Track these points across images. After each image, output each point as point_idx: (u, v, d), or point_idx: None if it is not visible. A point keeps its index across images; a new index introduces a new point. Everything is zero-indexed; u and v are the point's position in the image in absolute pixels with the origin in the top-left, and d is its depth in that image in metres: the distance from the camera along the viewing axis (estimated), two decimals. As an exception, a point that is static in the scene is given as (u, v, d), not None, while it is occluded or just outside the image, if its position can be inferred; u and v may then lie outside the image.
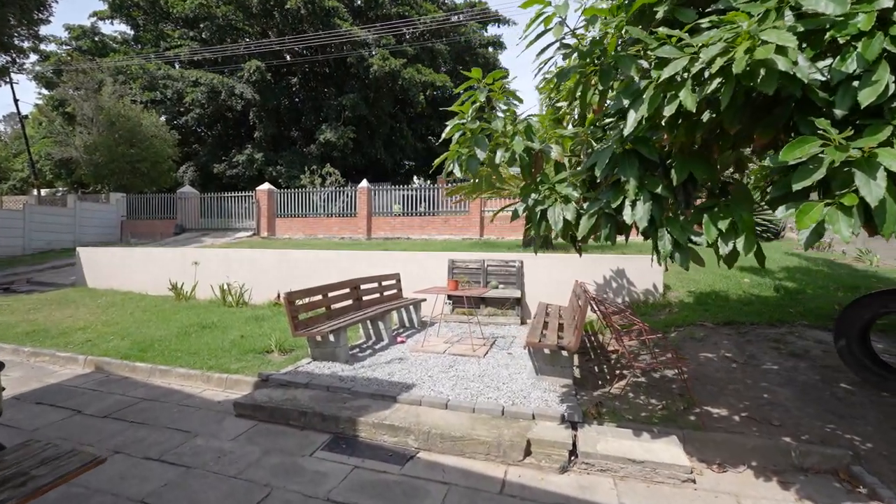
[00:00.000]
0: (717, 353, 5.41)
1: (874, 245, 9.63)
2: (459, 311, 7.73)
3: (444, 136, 2.88)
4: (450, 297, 7.89)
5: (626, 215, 2.31)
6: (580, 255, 3.26)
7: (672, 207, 2.42)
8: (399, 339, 6.15)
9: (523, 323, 7.51)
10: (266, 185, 16.57)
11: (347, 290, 6.19)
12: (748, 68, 1.67)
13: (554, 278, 7.58)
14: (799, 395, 4.28)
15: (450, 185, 13.49)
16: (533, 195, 2.74)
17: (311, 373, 4.60)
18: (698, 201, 2.50)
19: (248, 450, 3.38)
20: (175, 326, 6.65)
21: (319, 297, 5.56)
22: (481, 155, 2.60)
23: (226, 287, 8.58)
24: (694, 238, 2.29)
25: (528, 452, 3.22)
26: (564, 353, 4.33)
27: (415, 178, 29.94)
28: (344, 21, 24.66)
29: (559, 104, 3.08)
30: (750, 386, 4.51)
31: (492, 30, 32.62)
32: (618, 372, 4.93)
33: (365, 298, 6.50)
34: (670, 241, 2.29)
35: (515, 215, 2.76)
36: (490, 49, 31.68)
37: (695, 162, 2.27)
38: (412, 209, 16.39)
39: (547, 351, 4.38)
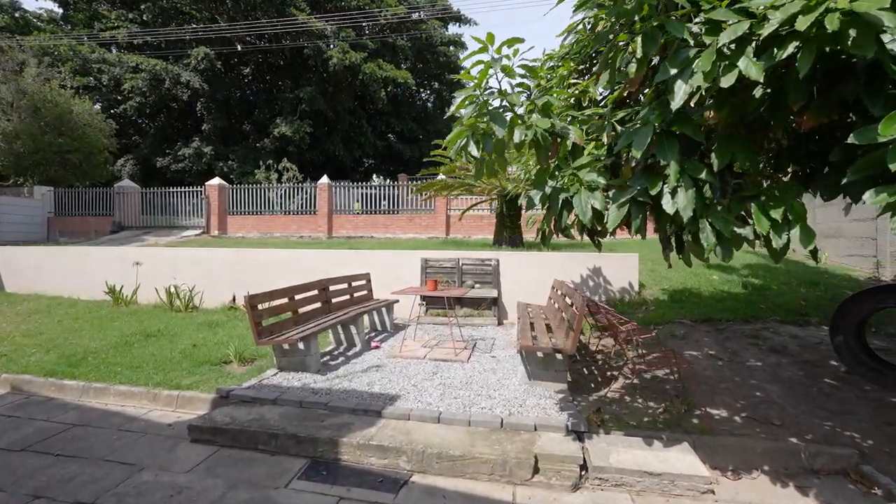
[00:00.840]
0: (701, 350, 5.37)
1: (821, 243, 10.20)
2: (434, 313, 7.36)
3: (452, 110, 2.50)
4: (423, 297, 7.50)
5: (666, 204, 2.03)
6: (599, 250, 2.96)
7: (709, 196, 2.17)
8: (373, 343, 5.68)
9: (500, 324, 7.25)
10: (217, 180, 15.41)
11: (315, 292, 5.65)
12: (837, 29, 1.42)
13: (531, 277, 7.37)
14: (789, 392, 4.26)
15: (419, 180, 13.07)
16: (550, 182, 2.42)
17: (279, 386, 4.06)
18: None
19: (208, 484, 2.84)
20: (113, 336, 5.81)
21: (285, 300, 5.00)
22: (500, 132, 2.24)
23: (173, 290, 7.72)
24: (737, 230, 2.05)
25: (535, 470, 2.90)
26: (559, 356, 4.08)
27: (374, 176, 29.19)
28: (300, 11, 23.58)
29: (572, 81, 2.78)
30: (740, 384, 4.45)
31: (452, 29, 32.46)
32: (609, 374, 4.74)
33: (334, 300, 5.98)
34: (713, 232, 2.03)
35: (531, 204, 2.42)
36: (451, 48, 31.45)
37: (737, 144, 2.04)
38: (377, 207, 15.86)
39: (540, 354, 4.10)
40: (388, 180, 16.16)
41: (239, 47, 25.13)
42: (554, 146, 2.63)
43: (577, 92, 2.69)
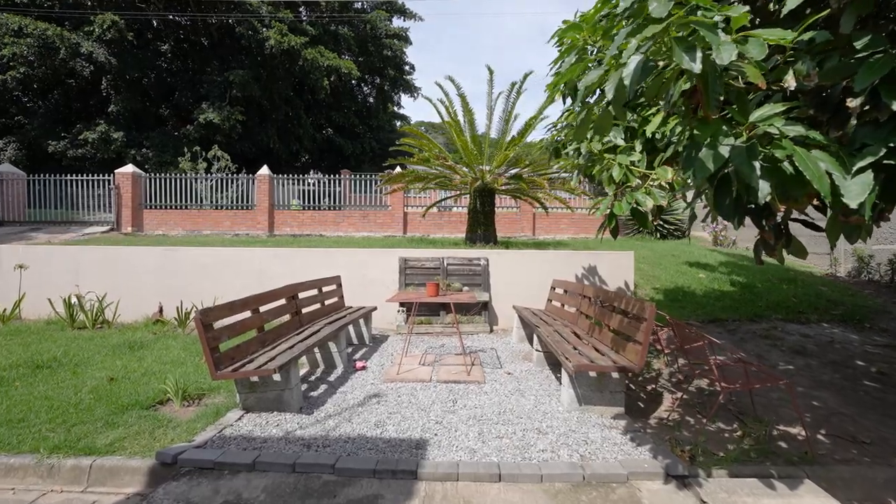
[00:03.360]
0: (724, 353, 4.92)
1: (775, 241, 10.62)
2: (416, 321, 6.34)
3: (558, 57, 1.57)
4: (402, 304, 6.45)
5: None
6: (805, 255, 2.12)
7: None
8: (358, 363, 4.56)
9: (491, 331, 6.41)
10: (130, 167, 12.99)
11: (283, 302, 4.41)
12: None
13: (523, 278, 6.63)
14: (844, 400, 3.88)
15: (388, 171, 11.90)
16: (727, 141, 1.59)
17: (251, 438, 2.86)
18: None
19: None
20: (-19, 368, 4.12)
21: (247, 313, 3.74)
22: (694, 66, 1.37)
23: (75, 300, 5.95)
24: None
25: (660, 547, 2.08)
26: (615, 374, 3.31)
27: (312, 172, 27.09)
28: (232, -18, 21.13)
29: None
30: (786, 391, 3.99)
31: (396, 22, 31.22)
32: (650, 389, 4.08)
33: (305, 311, 4.77)
34: None
35: (704, 170, 1.57)
36: (396, 41, 30.22)
37: None
38: (317, 204, 14.47)
39: (593, 374, 3.30)
40: (326, 176, 14.76)
41: (154, 24, 21.98)
42: (697, 91, 1.81)
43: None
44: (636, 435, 3.02)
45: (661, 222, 12.58)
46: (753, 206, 1.88)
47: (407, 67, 32.47)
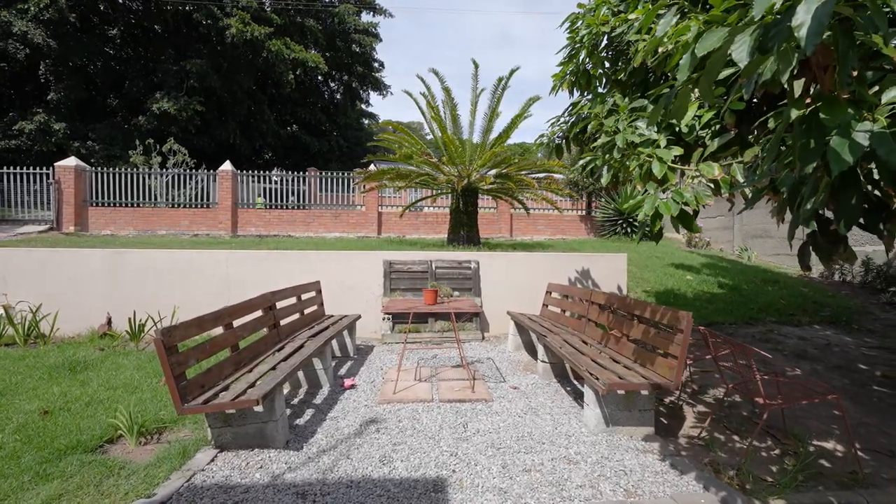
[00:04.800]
0: (728, 359, 4.75)
1: (749, 242, 10.84)
2: (403, 329, 5.86)
3: None
4: (389, 312, 5.94)
5: None
6: (854, 261, 1.84)
7: None
8: (346, 382, 4.04)
9: (484, 338, 6.03)
10: (73, 160, 11.72)
11: (260, 314, 3.84)
12: None
13: (515, 282, 6.29)
14: (861, 408, 3.74)
15: (363, 168, 11.31)
16: (860, 126, 1.26)
17: (228, 486, 2.32)
18: None
19: None
20: None
21: (220, 329, 3.17)
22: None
23: (1, 312, 5.08)
24: None
25: None
26: (644, 392, 2.98)
27: (276, 169, 25.85)
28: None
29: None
30: (793, 400, 3.82)
31: (366, 18, 30.37)
32: (668, 401, 3.80)
33: (283, 322, 4.20)
34: None
35: (840, 162, 1.22)
36: (366, 37, 29.39)
37: None
38: (283, 203, 13.73)
39: (621, 392, 2.96)
40: (292, 173, 14.02)
41: (101, 7, 20.23)
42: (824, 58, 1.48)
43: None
44: (676, 460, 2.70)
45: (638, 223, 12.63)
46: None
47: (376, 64, 31.71)
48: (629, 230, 12.68)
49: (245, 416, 2.68)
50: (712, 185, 2.64)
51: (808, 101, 1.49)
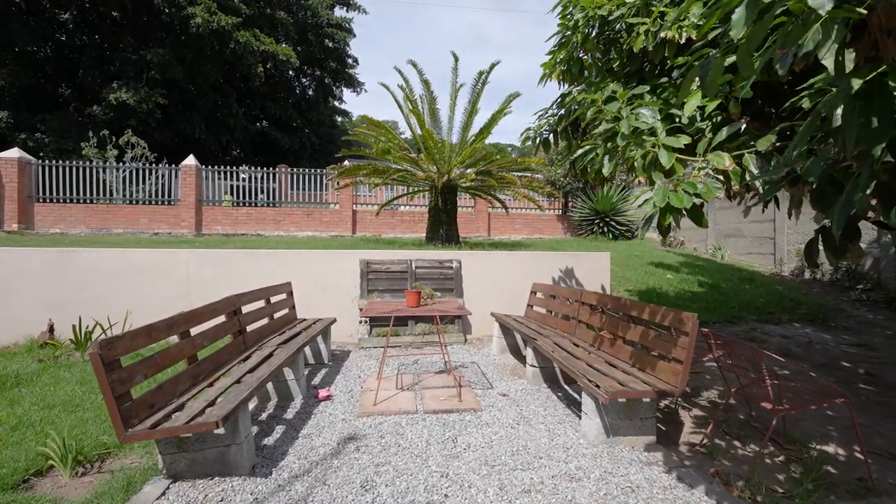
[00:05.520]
0: (723, 360, 4.66)
1: (721, 242, 11.03)
2: (381, 332, 5.54)
3: None
4: (368, 315, 5.60)
5: None
6: (860, 258, 1.68)
7: None
8: (321, 392, 3.70)
9: (466, 341, 5.77)
10: (15, 152, 10.77)
11: (223, 319, 3.44)
12: None
13: (497, 282, 6.07)
14: (853, 409, 3.69)
15: (338, 164, 10.87)
16: None
17: (180, 526, 1.96)
18: None
19: None
20: None
21: (176, 337, 2.77)
22: None
23: (-79, 321, 4.46)
24: None
25: None
26: (646, 399, 2.79)
27: (244, 166, 24.83)
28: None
29: None
30: (800, 404, 3.74)
31: (339, 13, 29.66)
32: (661, 405, 3.64)
33: (250, 329, 3.81)
34: None
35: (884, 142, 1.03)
36: (339, 32, 28.69)
37: None
38: (252, 201, 13.12)
39: (622, 399, 2.76)
40: (262, 170, 13.44)
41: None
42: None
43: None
44: (682, 473, 2.51)
45: (615, 223, 12.69)
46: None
47: (350, 60, 31.02)
48: (606, 229, 12.72)
49: (203, 440, 2.31)
50: (721, 178, 2.47)
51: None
